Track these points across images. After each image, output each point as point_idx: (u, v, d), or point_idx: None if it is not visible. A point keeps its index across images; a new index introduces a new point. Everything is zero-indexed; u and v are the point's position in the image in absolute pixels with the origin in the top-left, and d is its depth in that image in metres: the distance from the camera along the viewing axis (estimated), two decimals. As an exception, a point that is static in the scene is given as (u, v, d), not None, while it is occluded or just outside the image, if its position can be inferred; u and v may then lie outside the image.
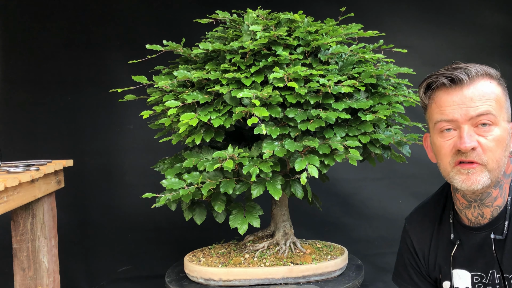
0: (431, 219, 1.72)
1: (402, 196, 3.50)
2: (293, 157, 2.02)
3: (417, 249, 1.75)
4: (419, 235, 1.74)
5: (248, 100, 2.03)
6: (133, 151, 3.48)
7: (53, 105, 3.42)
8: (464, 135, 1.43)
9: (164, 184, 2.04)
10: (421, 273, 1.77)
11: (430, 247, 1.71)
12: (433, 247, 1.70)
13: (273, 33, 2.04)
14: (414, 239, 1.75)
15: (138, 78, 2.19)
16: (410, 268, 1.78)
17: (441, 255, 1.68)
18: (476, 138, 1.44)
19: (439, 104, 1.50)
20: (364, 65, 2.22)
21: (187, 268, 2.33)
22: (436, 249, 1.69)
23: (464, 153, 1.44)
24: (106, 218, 3.45)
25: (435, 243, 1.70)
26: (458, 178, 1.47)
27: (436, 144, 1.52)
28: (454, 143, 1.46)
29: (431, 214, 1.72)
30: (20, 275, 2.34)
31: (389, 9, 3.49)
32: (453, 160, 1.48)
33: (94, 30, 3.42)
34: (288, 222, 2.42)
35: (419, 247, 1.74)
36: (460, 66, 1.50)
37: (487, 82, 1.47)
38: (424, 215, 1.75)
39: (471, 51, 3.45)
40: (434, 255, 1.70)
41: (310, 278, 2.23)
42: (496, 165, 1.46)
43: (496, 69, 1.52)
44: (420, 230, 1.74)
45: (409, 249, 1.78)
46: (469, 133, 1.44)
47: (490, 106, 1.44)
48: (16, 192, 1.99)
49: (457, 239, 1.62)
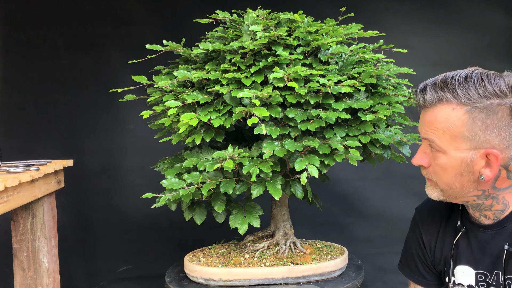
0: (441, 211, 1.72)
1: (402, 196, 3.49)
2: (293, 157, 2.02)
3: (425, 240, 1.75)
4: (427, 226, 1.75)
5: (248, 100, 2.03)
6: (133, 151, 3.48)
7: (53, 105, 3.42)
8: (418, 151, 1.55)
9: (164, 184, 2.04)
10: (427, 264, 1.76)
11: (437, 240, 1.71)
12: (440, 240, 1.70)
13: (273, 33, 2.04)
14: (423, 230, 1.75)
15: (138, 78, 2.19)
16: (417, 258, 1.78)
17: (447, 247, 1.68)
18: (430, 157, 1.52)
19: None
20: (364, 65, 2.22)
21: (187, 268, 2.33)
22: (443, 241, 1.69)
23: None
24: (106, 218, 3.45)
25: (442, 236, 1.69)
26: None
27: None
28: None
29: (442, 206, 1.72)
30: (20, 275, 2.34)
31: (389, 9, 3.49)
32: None
33: (94, 30, 3.42)
34: (288, 222, 2.42)
35: (427, 239, 1.74)
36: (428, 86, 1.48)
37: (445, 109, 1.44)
38: (435, 207, 1.75)
39: (471, 51, 3.45)
40: (440, 248, 1.70)
41: (310, 278, 2.23)
42: (447, 187, 1.51)
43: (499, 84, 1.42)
44: (430, 221, 1.74)
45: (417, 239, 1.78)
46: (424, 150, 1.54)
47: (434, 135, 1.47)
48: (16, 192, 1.99)
49: (462, 227, 1.62)
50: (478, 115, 1.41)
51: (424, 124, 1.50)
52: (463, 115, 1.42)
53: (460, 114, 1.43)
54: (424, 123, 1.51)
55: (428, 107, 1.49)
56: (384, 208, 3.51)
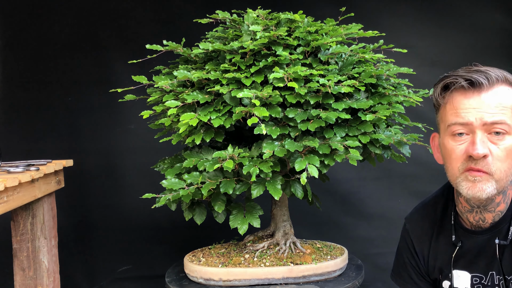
0: (432, 220, 1.71)
1: (402, 196, 3.49)
2: (293, 157, 2.02)
3: (417, 249, 1.75)
4: (419, 235, 1.74)
5: (248, 100, 2.03)
6: (134, 151, 3.47)
7: (53, 105, 3.41)
8: (477, 141, 1.42)
9: (164, 184, 2.04)
10: (420, 273, 1.76)
11: (430, 248, 1.71)
12: (433, 248, 1.70)
13: (273, 33, 2.04)
14: (414, 239, 1.75)
15: (138, 78, 2.19)
16: (410, 267, 1.78)
17: (441, 257, 1.68)
18: (488, 145, 1.42)
19: (455, 106, 1.47)
20: (364, 65, 2.22)
21: (187, 268, 2.33)
22: (436, 250, 1.69)
23: (475, 160, 1.42)
24: (106, 218, 3.44)
25: (435, 245, 1.69)
26: (465, 185, 1.46)
27: (447, 147, 1.49)
28: (466, 148, 1.44)
29: (431, 215, 1.72)
30: (20, 275, 2.34)
31: (389, 9, 3.48)
32: (462, 166, 1.46)
33: (94, 30, 3.42)
34: (288, 222, 2.42)
35: (419, 247, 1.74)
36: (481, 69, 1.46)
37: (506, 88, 1.45)
38: (425, 216, 1.74)
39: (471, 51, 3.45)
40: (434, 256, 1.70)
41: (310, 278, 2.23)
42: (504, 175, 1.44)
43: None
44: (420, 230, 1.74)
45: (408, 248, 1.77)
46: (482, 139, 1.42)
47: (506, 115, 1.42)
48: (16, 192, 1.99)
49: (459, 241, 1.61)
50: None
51: (489, 106, 1.42)
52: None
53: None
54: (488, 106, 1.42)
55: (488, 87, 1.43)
56: (384, 208, 3.50)
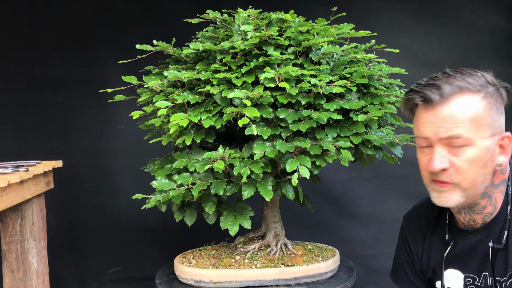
0: (427, 219, 1.72)
1: (394, 197, 3.49)
2: (284, 158, 2.01)
3: (412, 248, 1.75)
4: (414, 233, 1.75)
5: (239, 101, 2.02)
6: (124, 151, 3.46)
7: (43, 105, 3.39)
8: (434, 156, 1.43)
9: (154, 185, 2.03)
10: (416, 272, 1.77)
11: (423, 247, 1.71)
12: (427, 247, 1.70)
13: (264, 33, 2.03)
14: (410, 237, 1.76)
15: (128, 78, 2.18)
16: (406, 266, 1.79)
17: (434, 255, 1.68)
18: (449, 158, 1.42)
19: (416, 120, 1.50)
20: (355, 65, 2.22)
21: (177, 269, 2.31)
22: (429, 249, 1.69)
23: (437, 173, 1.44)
24: (96, 219, 3.43)
25: (429, 244, 1.70)
26: (433, 194, 1.49)
27: (418, 157, 1.52)
28: (426, 162, 1.47)
29: (428, 214, 1.73)
30: (9, 277, 2.32)
31: (380, 9, 3.49)
32: (429, 176, 1.48)
33: (85, 30, 3.40)
34: (279, 223, 2.42)
35: (414, 246, 1.74)
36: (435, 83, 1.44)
37: (464, 99, 1.41)
38: (421, 215, 1.75)
39: (464, 51, 3.45)
40: (427, 255, 1.70)
41: (301, 280, 2.22)
42: (471, 185, 1.44)
43: (489, 72, 1.47)
44: (416, 229, 1.75)
45: (405, 247, 1.78)
46: (440, 153, 1.42)
47: (462, 129, 1.40)
48: (5, 193, 1.97)
49: (451, 240, 1.62)
50: (491, 100, 1.43)
51: (444, 121, 1.41)
52: (480, 101, 1.42)
53: (478, 101, 1.42)
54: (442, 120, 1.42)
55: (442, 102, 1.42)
56: (375, 209, 3.50)
